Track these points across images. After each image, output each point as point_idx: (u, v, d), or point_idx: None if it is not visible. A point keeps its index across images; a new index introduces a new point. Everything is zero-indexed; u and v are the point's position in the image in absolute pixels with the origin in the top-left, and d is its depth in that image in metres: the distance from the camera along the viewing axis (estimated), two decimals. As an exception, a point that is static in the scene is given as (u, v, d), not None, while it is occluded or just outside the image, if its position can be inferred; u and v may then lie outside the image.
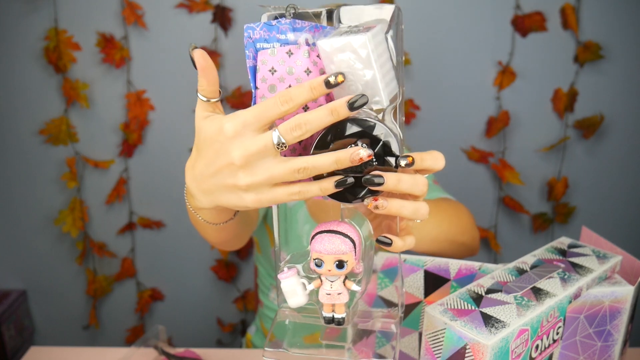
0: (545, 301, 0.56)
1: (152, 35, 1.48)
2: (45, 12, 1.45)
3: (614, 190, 1.63)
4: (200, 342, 1.74)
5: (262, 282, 1.13)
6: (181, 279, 1.70)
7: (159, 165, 1.58)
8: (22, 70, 1.50)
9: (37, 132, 1.54)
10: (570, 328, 0.60)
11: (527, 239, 1.67)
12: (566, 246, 0.68)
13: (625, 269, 0.68)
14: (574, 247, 0.68)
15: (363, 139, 0.47)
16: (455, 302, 0.56)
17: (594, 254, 0.66)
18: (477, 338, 0.51)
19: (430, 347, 0.55)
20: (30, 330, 1.72)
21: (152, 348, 0.89)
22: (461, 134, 1.58)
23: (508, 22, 1.48)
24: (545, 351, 0.57)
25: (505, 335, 0.51)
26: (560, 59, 1.51)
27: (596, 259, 0.64)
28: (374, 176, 0.46)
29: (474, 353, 0.51)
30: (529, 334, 0.54)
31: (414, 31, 1.49)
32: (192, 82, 1.51)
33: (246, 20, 1.46)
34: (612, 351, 0.63)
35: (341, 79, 0.45)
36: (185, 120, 1.54)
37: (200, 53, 0.53)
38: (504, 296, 0.57)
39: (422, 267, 0.67)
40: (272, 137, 0.45)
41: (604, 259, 0.65)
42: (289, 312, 0.58)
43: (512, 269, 0.63)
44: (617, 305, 0.61)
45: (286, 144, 0.45)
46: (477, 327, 0.52)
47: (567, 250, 0.67)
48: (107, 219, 1.62)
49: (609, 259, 0.64)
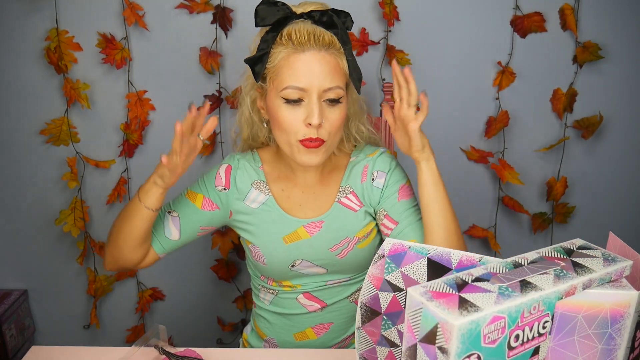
0: (529, 293, 0.57)
1: (153, 35, 1.48)
2: (46, 13, 1.45)
3: (613, 190, 1.64)
4: (200, 342, 1.75)
5: (252, 284, 1.14)
6: (181, 278, 1.70)
7: (160, 165, 1.59)
8: (23, 70, 1.50)
9: (38, 132, 1.54)
10: (568, 326, 0.60)
11: (526, 239, 1.68)
12: (576, 247, 0.68)
13: (636, 275, 0.67)
14: (583, 249, 0.67)
15: None
16: (439, 286, 0.58)
17: (602, 257, 0.65)
18: (447, 318, 0.52)
19: (410, 326, 0.57)
20: (31, 329, 1.73)
21: (153, 347, 0.90)
22: (461, 134, 1.58)
23: (507, 23, 1.48)
24: (528, 342, 0.58)
25: (475, 319, 0.53)
26: (560, 59, 1.52)
27: (602, 261, 0.64)
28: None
29: (444, 332, 0.53)
30: (505, 322, 0.55)
31: (414, 31, 1.49)
32: (192, 82, 1.51)
33: (246, 20, 1.47)
34: (615, 356, 0.63)
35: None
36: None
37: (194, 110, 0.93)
38: (488, 285, 0.58)
39: (425, 255, 0.68)
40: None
41: (612, 262, 0.64)
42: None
43: (509, 262, 0.63)
44: (619, 309, 0.61)
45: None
46: (449, 308, 0.54)
47: (574, 250, 0.67)
48: (107, 218, 1.63)
49: (616, 263, 0.64)
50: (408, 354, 0.58)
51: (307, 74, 0.91)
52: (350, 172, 1.06)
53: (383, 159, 1.05)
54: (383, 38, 1.49)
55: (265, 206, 1.04)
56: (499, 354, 0.56)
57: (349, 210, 1.04)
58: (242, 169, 1.05)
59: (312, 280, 1.06)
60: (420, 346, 0.56)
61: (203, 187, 1.06)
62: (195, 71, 1.51)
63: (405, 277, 0.69)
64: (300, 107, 0.93)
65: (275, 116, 0.95)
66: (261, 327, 1.13)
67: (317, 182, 1.05)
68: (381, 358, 0.73)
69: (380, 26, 1.48)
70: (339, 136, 0.98)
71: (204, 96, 1.51)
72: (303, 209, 1.04)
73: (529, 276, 0.60)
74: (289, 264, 1.03)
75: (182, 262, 1.68)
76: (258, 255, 1.04)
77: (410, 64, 1.49)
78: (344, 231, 1.03)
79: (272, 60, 0.94)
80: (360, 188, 1.05)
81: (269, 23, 0.94)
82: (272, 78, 0.94)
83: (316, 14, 0.93)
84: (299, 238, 1.03)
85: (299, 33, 0.91)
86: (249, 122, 1.06)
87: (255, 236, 1.04)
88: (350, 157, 1.08)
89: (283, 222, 1.03)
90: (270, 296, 1.10)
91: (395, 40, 1.49)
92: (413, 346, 0.57)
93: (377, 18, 1.48)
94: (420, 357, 0.57)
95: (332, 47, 0.93)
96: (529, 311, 0.57)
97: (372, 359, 0.74)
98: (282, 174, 1.06)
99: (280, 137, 0.97)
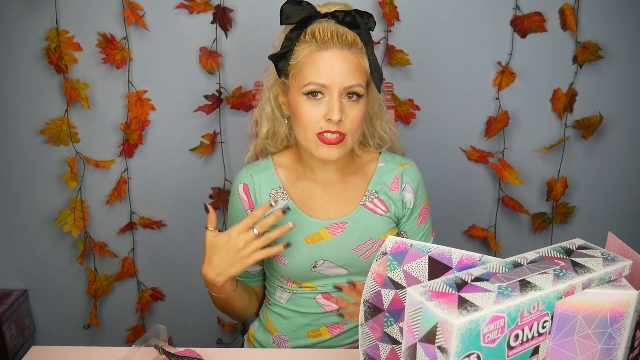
0: (529, 293, 0.57)
1: (153, 35, 1.48)
2: (46, 13, 1.45)
3: (613, 190, 1.64)
4: (200, 342, 1.75)
5: (268, 284, 1.14)
6: (181, 278, 1.70)
7: (160, 166, 1.59)
8: (23, 70, 1.50)
9: (38, 132, 1.54)
10: (568, 326, 0.60)
11: (526, 239, 1.68)
12: (576, 247, 0.68)
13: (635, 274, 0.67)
14: (583, 249, 0.67)
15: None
16: (439, 285, 0.58)
17: (601, 256, 0.65)
18: (446, 317, 0.53)
19: (410, 325, 0.57)
20: (31, 329, 1.73)
21: (153, 347, 0.90)
22: (461, 134, 1.58)
23: (507, 23, 1.48)
24: (528, 342, 0.58)
25: (475, 318, 0.53)
26: (560, 59, 1.52)
27: (602, 261, 0.64)
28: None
29: (443, 332, 0.53)
30: (505, 321, 0.55)
31: (414, 31, 1.49)
32: (192, 82, 1.52)
33: (246, 20, 1.47)
34: (614, 355, 0.63)
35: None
36: (186, 121, 1.54)
37: (211, 210, 0.97)
38: (488, 285, 0.58)
39: (426, 254, 0.69)
40: (253, 232, 0.94)
41: (611, 261, 0.64)
42: None
43: (509, 262, 0.63)
44: (618, 308, 0.61)
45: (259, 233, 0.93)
46: (449, 308, 0.54)
47: (574, 250, 0.67)
48: (107, 218, 1.63)
49: (616, 262, 0.64)
50: (408, 354, 0.58)
51: (328, 71, 0.93)
52: (379, 178, 1.06)
53: (412, 172, 1.07)
54: (383, 38, 1.49)
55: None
56: (498, 353, 0.56)
57: (374, 214, 1.05)
58: (257, 184, 1.06)
59: (332, 282, 1.05)
60: (420, 346, 0.56)
61: (240, 218, 1.03)
62: (195, 71, 1.51)
63: (407, 274, 0.69)
64: (321, 103, 0.94)
65: (296, 111, 0.97)
66: (273, 322, 1.12)
67: (339, 182, 1.06)
68: (383, 355, 0.73)
69: (380, 26, 1.48)
70: (358, 134, 0.99)
71: (204, 96, 1.51)
72: (325, 209, 1.05)
73: (528, 276, 0.60)
74: (310, 265, 1.03)
75: (182, 262, 1.68)
76: (278, 257, 1.04)
77: (410, 64, 1.49)
78: (369, 233, 1.04)
79: (295, 57, 0.95)
80: (389, 196, 1.06)
81: (293, 21, 0.96)
82: (294, 74, 0.96)
83: (340, 14, 0.95)
84: (321, 239, 1.03)
85: (322, 31, 0.93)
86: (269, 117, 1.07)
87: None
88: (379, 162, 1.08)
89: (305, 224, 1.03)
90: (287, 295, 1.09)
91: (395, 40, 1.49)
92: (413, 346, 0.57)
93: (377, 18, 1.48)
94: (420, 357, 0.57)
95: (354, 46, 0.94)
96: (529, 311, 0.57)
97: (375, 355, 0.74)
98: (302, 175, 1.06)
99: (299, 132, 0.98)
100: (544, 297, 0.57)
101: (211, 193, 1.59)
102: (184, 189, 1.61)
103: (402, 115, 1.53)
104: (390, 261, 0.70)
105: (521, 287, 0.58)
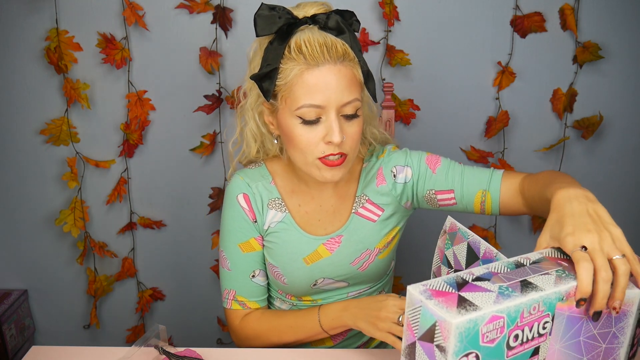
0: (530, 294, 0.57)
1: (153, 35, 1.48)
2: (46, 13, 1.45)
3: (613, 190, 1.64)
4: (200, 342, 1.75)
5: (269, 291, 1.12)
6: (181, 278, 1.70)
7: (160, 166, 1.59)
8: (23, 70, 1.50)
9: (38, 132, 1.54)
10: (574, 328, 0.60)
11: (526, 239, 1.67)
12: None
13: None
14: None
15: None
16: (440, 284, 0.58)
17: None
18: (445, 316, 0.53)
19: (410, 324, 0.58)
20: (31, 329, 1.73)
21: (153, 347, 0.90)
22: (461, 134, 1.58)
23: (507, 23, 1.48)
24: (528, 343, 0.58)
25: (474, 318, 0.53)
26: (560, 59, 1.52)
27: None
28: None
29: (442, 331, 0.53)
30: (504, 321, 0.55)
31: (414, 31, 1.49)
32: (192, 82, 1.52)
33: (246, 20, 1.47)
34: (617, 354, 0.63)
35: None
36: (186, 121, 1.54)
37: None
38: (489, 285, 0.58)
39: (466, 240, 0.71)
40: (398, 318, 0.88)
41: None
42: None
43: (511, 262, 0.63)
44: (622, 307, 0.61)
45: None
46: (448, 307, 0.54)
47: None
48: (107, 218, 1.63)
49: None
50: (407, 352, 0.58)
51: (323, 90, 0.85)
52: (364, 179, 1.03)
53: (394, 155, 1.03)
54: (383, 38, 1.49)
55: (283, 224, 1.00)
56: (497, 353, 0.56)
57: (367, 221, 1.02)
58: (257, 194, 1.00)
59: (333, 294, 1.04)
60: (419, 344, 0.56)
61: (245, 231, 1.02)
62: (195, 71, 1.51)
63: (455, 256, 0.72)
64: (318, 125, 0.87)
65: (290, 136, 0.89)
66: None
67: (334, 195, 1.02)
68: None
69: (380, 26, 1.48)
70: (358, 148, 0.94)
71: (204, 96, 1.51)
72: (322, 224, 1.02)
73: (530, 276, 0.60)
74: (310, 283, 1.01)
75: (182, 262, 1.68)
76: (277, 275, 1.02)
77: (410, 64, 1.49)
78: (364, 244, 1.01)
79: (283, 77, 0.87)
80: (377, 192, 1.02)
81: (270, 32, 0.88)
82: (284, 96, 0.88)
83: (322, 18, 0.87)
84: (319, 257, 1.00)
85: (309, 45, 0.85)
86: (256, 136, 1.00)
87: (274, 257, 1.01)
88: (363, 163, 1.05)
89: (302, 241, 1.00)
90: (287, 305, 1.08)
91: (395, 40, 1.49)
92: (412, 344, 0.57)
93: (377, 18, 1.48)
94: (419, 355, 0.57)
95: (346, 58, 0.87)
96: (529, 311, 0.56)
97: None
98: (297, 188, 1.02)
99: (296, 156, 0.92)
100: (544, 298, 0.57)
101: (211, 193, 1.60)
102: (184, 189, 1.61)
103: (402, 115, 1.53)
104: (447, 241, 0.73)
105: (522, 287, 0.57)
